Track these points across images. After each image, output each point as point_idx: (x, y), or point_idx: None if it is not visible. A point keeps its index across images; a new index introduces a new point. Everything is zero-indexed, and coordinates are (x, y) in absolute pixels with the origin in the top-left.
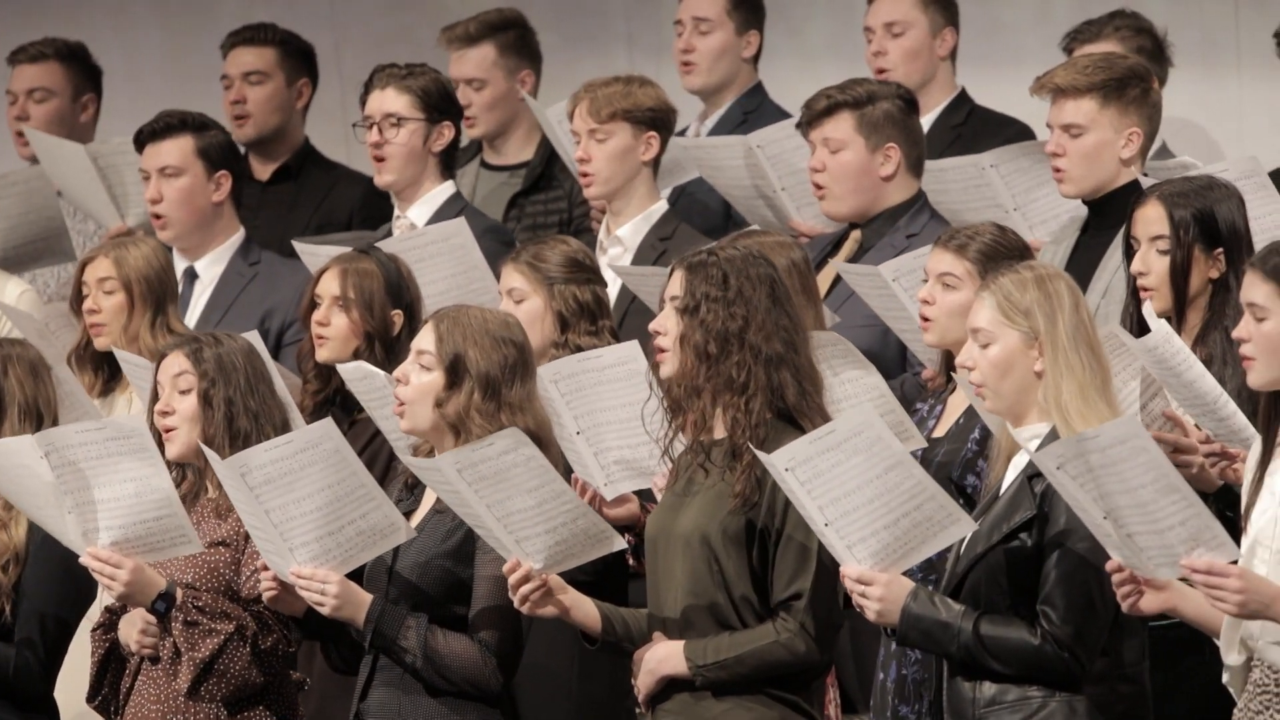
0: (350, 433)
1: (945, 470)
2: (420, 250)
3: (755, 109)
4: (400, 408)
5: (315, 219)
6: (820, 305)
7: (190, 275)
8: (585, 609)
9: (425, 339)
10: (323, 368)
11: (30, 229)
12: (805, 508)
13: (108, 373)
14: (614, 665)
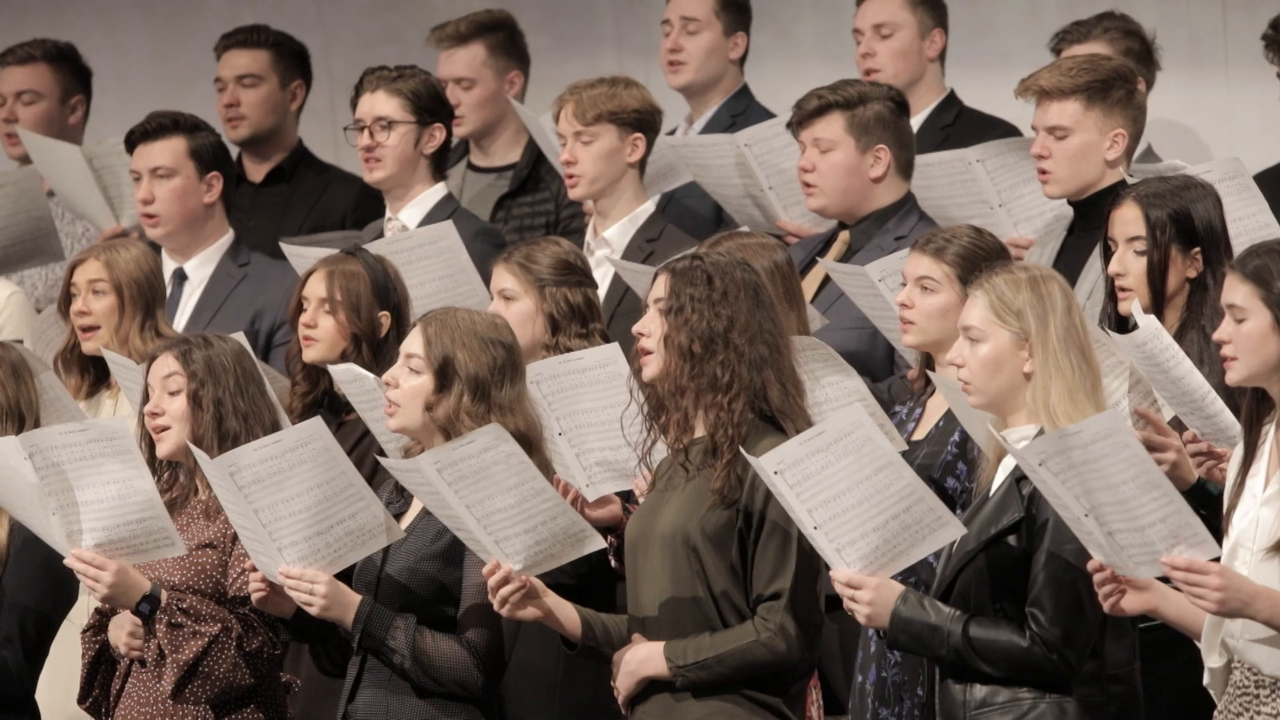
0: (338, 434)
1: (925, 473)
2: (408, 252)
3: (742, 112)
4: (391, 408)
5: (309, 220)
6: (804, 308)
7: (180, 276)
8: (566, 613)
9: (414, 342)
10: (311, 369)
11: (19, 229)
12: (795, 511)
13: (94, 375)
14: (600, 666)
